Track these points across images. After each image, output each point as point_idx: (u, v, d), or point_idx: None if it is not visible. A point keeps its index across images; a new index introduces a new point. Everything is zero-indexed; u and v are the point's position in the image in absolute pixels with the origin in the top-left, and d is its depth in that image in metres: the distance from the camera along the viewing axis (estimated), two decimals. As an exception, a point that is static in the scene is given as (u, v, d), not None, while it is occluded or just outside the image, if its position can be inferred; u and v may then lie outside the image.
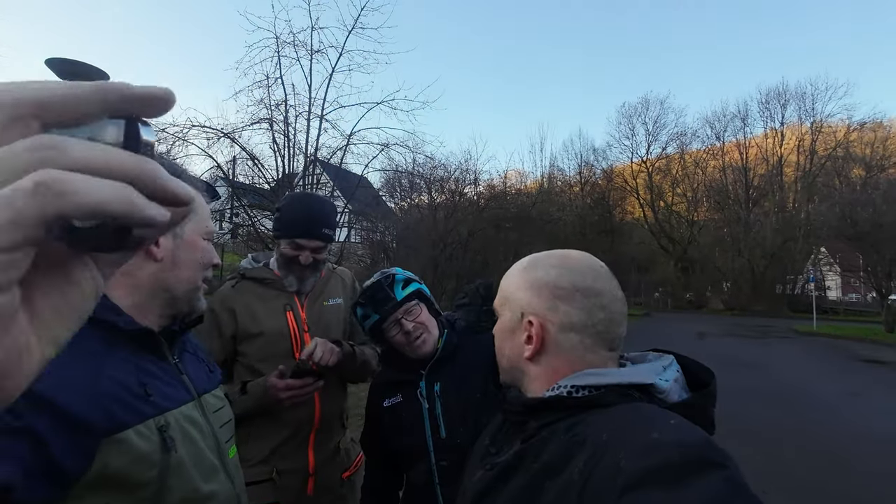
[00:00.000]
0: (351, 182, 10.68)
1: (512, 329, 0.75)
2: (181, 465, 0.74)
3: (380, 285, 1.31)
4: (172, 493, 0.72)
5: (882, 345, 14.33)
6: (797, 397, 7.12)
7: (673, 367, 0.70)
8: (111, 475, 0.65)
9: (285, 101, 9.19)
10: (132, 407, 0.71)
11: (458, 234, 14.52)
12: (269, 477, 1.45)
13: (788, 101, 36.20)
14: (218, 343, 1.47)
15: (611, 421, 0.59)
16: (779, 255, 31.16)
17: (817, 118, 35.07)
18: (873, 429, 5.55)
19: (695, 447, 0.50)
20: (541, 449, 0.64)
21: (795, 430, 5.44)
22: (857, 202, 19.16)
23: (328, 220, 1.54)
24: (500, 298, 0.79)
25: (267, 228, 9.64)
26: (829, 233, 21.42)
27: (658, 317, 26.51)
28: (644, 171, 40.92)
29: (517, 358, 0.75)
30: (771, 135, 36.82)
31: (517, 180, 31.47)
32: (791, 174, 36.06)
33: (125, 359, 0.76)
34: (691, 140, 40.54)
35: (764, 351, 12.69)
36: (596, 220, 36.73)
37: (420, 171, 13.51)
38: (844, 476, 4.12)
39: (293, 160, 9.65)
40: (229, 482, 0.85)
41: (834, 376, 9.12)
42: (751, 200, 35.65)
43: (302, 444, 1.51)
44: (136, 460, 0.68)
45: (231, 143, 9.13)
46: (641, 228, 40.74)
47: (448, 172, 15.97)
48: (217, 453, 0.85)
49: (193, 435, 0.79)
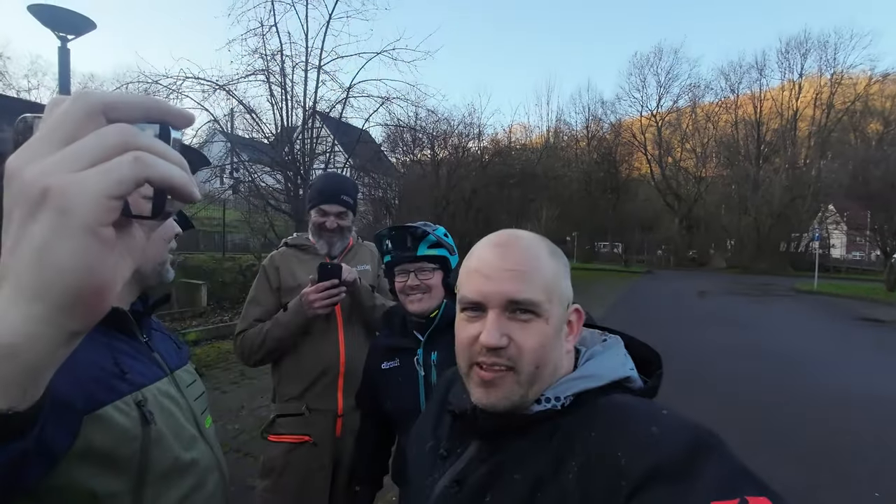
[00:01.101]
0: (352, 137, 10.42)
1: (559, 327, 0.63)
2: (161, 437, 0.78)
3: (406, 235, 1.36)
4: (156, 463, 0.76)
5: (882, 304, 14.44)
6: (790, 356, 7.24)
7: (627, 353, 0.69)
8: (96, 450, 0.68)
9: (281, 51, 8.82)
10: (109, 385, 0.74)
11: (461, 192, 14.35)
12: (300, 412, 1.66)
13: (809, 50, 34.67)
14: (270, 295, 1.73)
15: (594, 420, 0.56)
16: (785, 213, 30.82)
17: (838, 69, 33.69)
18: (864, 386, 5.67)
19: (694, 435, 0.49)
20: (520, 460, 0.60)
21: (787, 387, 5.58)
22: (870, 159, 18.66)
23: (347, 189, 1.79)
24: (542, 295, 0.61)
25: (267, 184, 9.55)
26: (840, 191, 21.05)
27: (660, 275, 26.67)
28: (653, 126, 39.82)
29: (560, 359, 0.64)
30: (788, 87, 35.47)
31: (522, 135, 30.67)
32: (805, 129, 35.04)
33: (97, 340, 0.79)
34: (704, 92, 39.24)
35: (762, 309, 12.82)
36: (602, 177, 36.16)
37: (422, 126, 13.15)
38: (837, 433, 4.26)
39: (292, 113, 9.39)
40: (209, 449, 0.92)
41: (830, 335, 9.24)
42: (762, 157, 34.85)
43: (331, 386, 1.69)
44: (119, 435, 0.71)
45: (227, 95, 8.85)
46: (647, 185, 40.19)
47: (451, 127, 15.55)
48: (195, 424, 0.91)
49: (170, 408, 0.84)
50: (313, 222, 1.78)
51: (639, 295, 15.32)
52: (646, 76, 40.79)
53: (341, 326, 1.74)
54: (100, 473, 0.69)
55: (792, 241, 32.78)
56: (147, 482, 0.75)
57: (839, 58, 33.69)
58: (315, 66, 9.13)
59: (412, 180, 14.98)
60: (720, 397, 5.07)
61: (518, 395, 0.60)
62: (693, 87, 39.49)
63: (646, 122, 40.16)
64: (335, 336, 1.72)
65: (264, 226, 9.82)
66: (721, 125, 38.29)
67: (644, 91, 40.86)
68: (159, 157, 0.29)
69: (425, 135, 13.77)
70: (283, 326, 1.60)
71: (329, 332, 1.72)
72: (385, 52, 9.22)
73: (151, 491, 0.75)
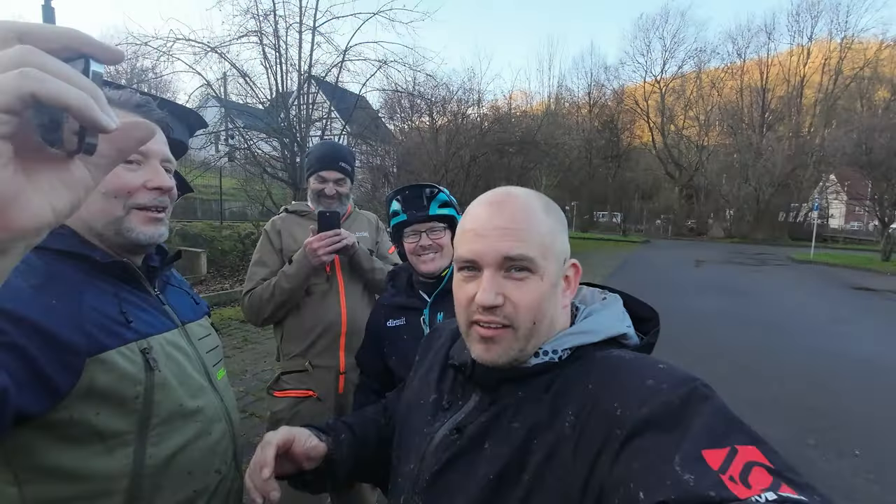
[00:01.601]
0: (348, 103, 10.19)
1: (556, 283, 0.64)
2: (166, 384, 0.81)
3: (421, 192, 1.38)
4: (160, 406, 0.80)
5: (876, 273, 14.58)
6: (783, 323, 7.39)
7: (625, 310, 0.71)
8: (98, 390, 0.73)
9: (273, 11, 8.50)
10: (114, 332, 0.77)
11: (460, 159, 14.16)
12: (304, 368, 1.74)
13: (822, 12, 33.52)
14: (274, 256, 1.80)
15: (592, 372, 0.59)
16: (786, 182, 30.62)
17: (849, 33, 32.64)
18: (853, 352, 5.82)
19: (689, 388, 0.51)
20: (518, 409, 0.62)
21: (778, 353, 5.72)
22: (875, 127, 18.39)
23: (345, 157, 1.86)
24: (537, 252, 0.61)
25: (264, 151, 9.40)
26: (843, 160, 20.85)
27: (658, 244, 26.75)
28: (657, 92, 38.90)
29: (557, 314, 0.66)
30: (796, 52, 34.46)
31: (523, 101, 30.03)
32: (812, 96, 34.29)
33: (105, 290, 0.82)
34: (710, 57, 38.20)
35: (758, 278, 12.95)
36: (603, 145, 35.63)
37: (421, 91, 12.82)
38: (821, 395, 4.41)
39: (286, 77, 9.14)
40: (218, 399, 0.95)
41: (823, 303, 9.39)
42: (765, 125, 34.26)
43: (333, 344, 1.76)
44: (121, 377, 0.75)
45: (220, 58, 8.59)
46: (649, 154, 39.63)
47: (450, 92, 15.16)
48: (205, 374, 0.94)
49: (178, 358, 0.87)
50: (312, 189, 1.84)
51: (636, 264, 15.40)
52: (651, 40, 39.60)
53: (342, 287, 1.80)
54: (103, 412, 0.74)
55: (791, 211, 32.71)
56: (150, 425, 0.79)
57: (851, 21, 32.85)
58: (309, 28, 8.82)
59: (410, 148, 14.75)
60: (708, 360, 5.20)
61: (516, 351, 0.63)
62: (699, 51, 38.43)
63: (649, 88, 39.20)
64: (337, 296, 1.78)
65: (261, 193, 9.74)
66: (726, 92, 37.41)
67: (649, 56, 39.73)
68: (60, 78, 0.27)
69: (423, 101, 13.45)
70: (291, 277, 1.66)
71: (331, 293, 1.77)
72: (382, 12, 8.89)
73: (155, 434, 0.79)
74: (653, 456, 0.46)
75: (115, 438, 0.75)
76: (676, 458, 0.44)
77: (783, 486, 0.40)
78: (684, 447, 0.45)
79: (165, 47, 7.94)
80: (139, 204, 0.84)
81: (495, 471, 0.59)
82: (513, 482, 0.58)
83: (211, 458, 0.90)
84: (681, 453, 0.44)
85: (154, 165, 0.86)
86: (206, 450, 0.89)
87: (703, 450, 0.44)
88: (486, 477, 0.60)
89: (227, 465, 0.95)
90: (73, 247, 0.80)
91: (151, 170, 0.86)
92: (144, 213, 0.85)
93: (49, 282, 0.74)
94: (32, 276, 0.73)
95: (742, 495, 0.40)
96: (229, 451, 0.96)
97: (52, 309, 0.70)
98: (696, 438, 0.45)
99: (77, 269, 0.80)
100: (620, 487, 0.47)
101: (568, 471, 0.53)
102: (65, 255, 0.79)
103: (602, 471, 0.50)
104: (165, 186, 0.86)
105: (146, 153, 0.86)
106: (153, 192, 0.85)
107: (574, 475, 0.52)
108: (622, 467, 0.48)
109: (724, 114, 36.62)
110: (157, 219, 0.87)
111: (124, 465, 0.76)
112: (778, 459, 0.44)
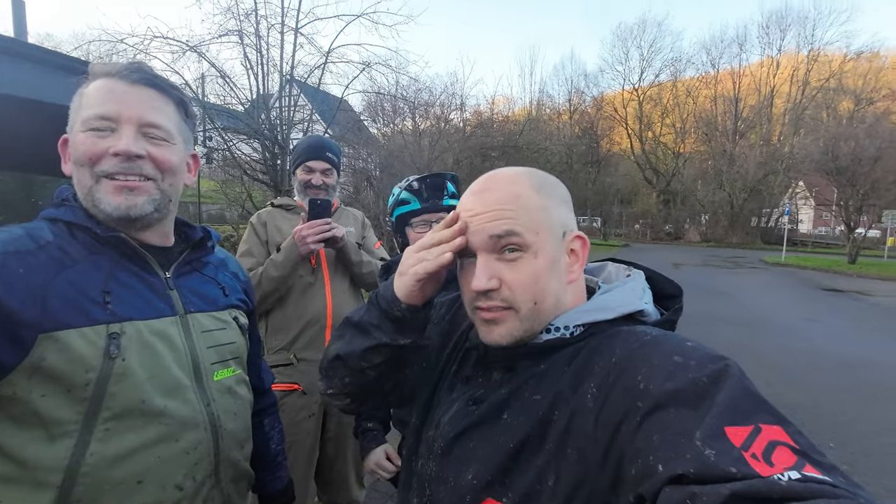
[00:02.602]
0: (331, 105, 10.11)
1: (556, 258, 0.63)
2: (127, 374, 0.73)
3: (443, 184, 1.38)
4: (114, 398, 0.72)
5: (843, 275, 15.18)
6: (756, 321, 7.62)
7: (647, 287, 0.69)
8: (47, 370, 0.68)
9: (255, 11, 8.38)
10: (82, 309, 0.71)
11: (443, 163, 14.19)
12: (288, 361, 1.71)
13: (790, 25, 34.99)
14: (261, 247, 1.79)
15: (615, 346, 0.57)
16: (758, 188, 31.68)
17: (815, 46, 34.16)
18: (825, 350, 6.02)
19: (719, 365, 0.49)
20: (539, 382, 0.61)
21: (753, 350, 5.87)
22: (840, 136, 19.17)
23: (331, 148, 1.88)
24: (528, 231, 0.61)
25: (244, 153, 9.23)
26: (811, 167, 21.66)
27: (637, 248, 27.27)
28: (635, 100, 39.84)
29: (562, 290, 0.64)
30: (766, 63, 35.88)
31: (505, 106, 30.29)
32: (781, 106, 35.67)
33: (100, 266, 0.77)
34: (686, 67, 39.33)
35: (734, 280, 13.32)
36: (583, 150, 36.22)
37: (404, 94, 12.83)
38: (798, 391, 4.54)
39: (267, 79, 9.01)
40: (199, 402, 0.83)
41: (794, 303, 9.71)
42: (738, 133, 35.44)
43: (318, 336, 1.73)
44: (73, 360, 0.69)
45: (199, 58, 8.42)
46: (627, 160, 40.49)
47: (433, 96, 15.23)
48: (191, 371, 0.83)
49: (158, 349, 0.78)
50: (299, 180, 1.84)
51: (616, 267, 15.64)
52: (629, 49, 40.50)
53: (328, 279, 1.78)
54: (49, 395, 0.68)
55: (763, 216, 33.81)
56: (100, 418, 0.71)
57: (817, 34, 34.22)
58: (291, 29, 8.74)
59: (393, 150, 14.72)
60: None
61: (521, 331, 0.62)
62: (675, 61, 39.52)
63: (628, 96, 40.12)
64: (322, 289, 1.77)
65: (241, 196, 9.55)
66: (701, 101, 38.58)
67: (627, 64, 40.64)
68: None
69: (406, 104, 13.47)
70: (279, 265, 1.64)
71: (316, 286, 1.75)
72: (365, 14, 8.88)
73: (104, 428, 0.71)
74: (674, 430, 0.45)
75: (58, 427, 0.68)
76: (698, 433, 0.43)
77: (807, 467, 0.39)
78: (707, 422, 0.44)
79: (142, 45, 7.76)
80: (105, 171, 0.78)
81: (517, 439, 0.59)
82: (534, 450, 0.57)
83: (172, 469, 0.78)
84: (703, 429, 0.43)
85: (124, 130, 0.78)
86: (168, 458, 0.77)
87: (725, 426, 0.43)
88: (507, 445, 0.59)
89: (195, 483, 0.81)
90: (80, 219, 0.78)
91: (118, 135, 0.78)
92: (112, 182, 0.78)
93: (37, 251, 0.71)
94: (23, 243, 0.71)
95: (764, 473, 0.38)
96: (203, 465, 0.82)
97: (11, 277, 0.67)
98: (720, 415, 0.44)
99: (83, 243, 0.77)
100: (639, 459, 0.46)
101: (588, 442, 0.52)
102: (74, 227, 0.78)
103: (622, 442, 0.49)
104: (124, 151, 0.77)
105: (117, 117, 0.78)
106: (116, 158, 0.77)
107: (594, 446, 0.52)
108: (642, 440, 0.47)
109: (700, 121, 37.76)
110: (128, 188, 0.79)
111: (61, 457, 0.68)
112: (803, 440, 0.43)
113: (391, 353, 0.71)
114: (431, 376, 0.79)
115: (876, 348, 6.13)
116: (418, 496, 0.70)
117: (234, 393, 0.92)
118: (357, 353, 0.71)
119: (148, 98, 0.82)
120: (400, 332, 0.70)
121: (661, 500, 0.42)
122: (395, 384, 0.78)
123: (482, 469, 0.60)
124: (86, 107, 0.79)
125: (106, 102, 0.78)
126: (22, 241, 0.72)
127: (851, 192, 17.80)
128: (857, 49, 33.61)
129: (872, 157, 17.30)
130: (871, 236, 21.68)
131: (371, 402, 0.81)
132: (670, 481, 0.42)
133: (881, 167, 17.48)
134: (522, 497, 0.56)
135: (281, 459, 1.13)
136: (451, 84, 16.96)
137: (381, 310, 0.70)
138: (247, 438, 0.95)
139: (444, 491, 0.64)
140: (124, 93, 0.80)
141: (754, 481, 0.38)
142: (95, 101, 0.79)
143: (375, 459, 1.42)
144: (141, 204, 0.80)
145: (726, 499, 0.37)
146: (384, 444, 1.45)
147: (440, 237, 0.65)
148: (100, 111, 0.78)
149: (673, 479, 0.42)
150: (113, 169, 0.78)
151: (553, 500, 0.53)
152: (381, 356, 0.71)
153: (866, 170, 17.33)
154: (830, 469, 0.40)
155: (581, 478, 0.52)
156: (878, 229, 24.97)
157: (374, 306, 0.71)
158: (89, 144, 0.77)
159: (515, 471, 0.58)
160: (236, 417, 0.91)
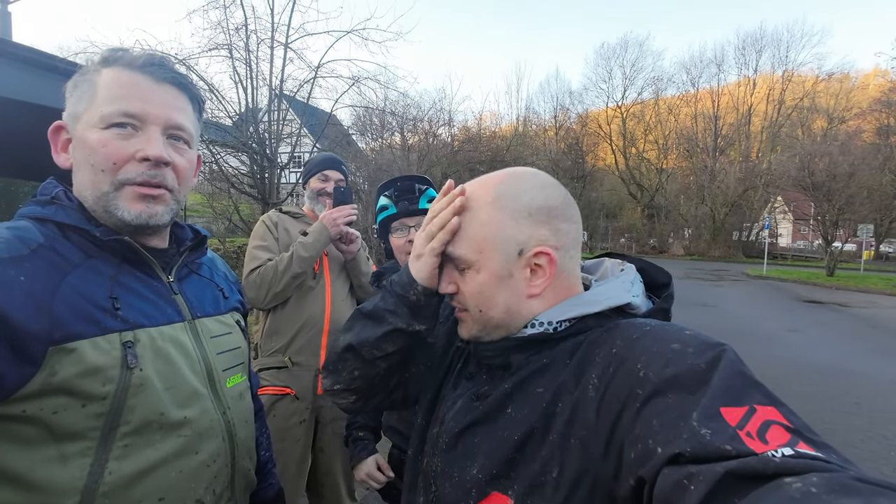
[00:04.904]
0: (319, 119, 10.15)
1: (505, 275, 0.64)
2: (146, 385, 0.69)
3: (413, 187, 1.39)
4: (133, 411, 0.67)
5: (822, 287, 15.54)
6: (741, 332, 7.74)
7: (637, 279, 0.70)
8: (60, 385, 0.62)
9: (245, 26, 8.44)
10: (93, 318, 0.66)
11: (431, 177, 14.27)
12: (283, 364, 1.69)
13: (764, 47, 36.39)
14: (275, 242, 1.79)
15: (615, 337, 0.59)
16: (739, 203, 32.48)
17: (789, 67, 35.55)
18: (806, 359, 6.14)
19: (716, 351, 0.50)
20: (542, 374, 0.62)
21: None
22: (815, 153, 19.84)
23: (344, 163, 1.98)
24: (470, 250, 0.65)
25: (232, 166, 9.18)
26: (788, 182, 22.34)
27: (622, 261, 27.53)
28: (618, 117, 40.73)
29: (517, 302, 0.65)
30: (744, 83, 37.15)
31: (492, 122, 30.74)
32: (759, 124, 36.87)
33: (102, 271, 0.71)
34: (667, 86, 40.47)
35: (717, 292, 13.54)
36: (569, 166, 36.82)
37: (392, 109, 12.95)
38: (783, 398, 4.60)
39: (256, 93, 9.04)
40: (217, 411, 0.79)
41: (776, 314, 9.89)
42: (718, 149, 36.44)
43: (314, 341, 1.72)
44: (88, 372, 0.64)
45: (187, 71, 8.41)
46: (612, 175, 41.22)
47: (422, 111, 15.40)
48: (205, 379, 0.79)
49: (173, 356, 0.74)
50: (312, 188, 1.89)
51: (603, 280, 15.80)
52: (612, 67, 41.60)
53: (329, 285, 1.78)
54: (62, 412, 0.62)
55: (744, 231, 34.59)
56: (118, 434, 0.66)
57: (791, 56, 35.64)
58: (281, 44, 8.82)
59: (382, 165, 14.78)
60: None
61: (476, 330, 0.69)
62: (656, 79, 40.65)
63: (611, 113, 41.03)
64: (323, 294, 1.77)
65: (228, 209, 9.47)
66: (682, 118, 39.65)
67: (610, 82, 41.67)
68: None
69: (395, 118, 13.59)
70: (308, 246, 1.66)
71: (317, 290, 1.76)
72: (355, 31, 9.01)
73: (122, 445, 0.66)
74: (672, 414, 0.46)
75: (73, 445, 0.63)
76: (694, 414, 0.44)
77: (801, 444, 0.40)
78: (703, 403, 0.45)
79: (129, 58, 7.71)
80: (130, 179, 0.71)
81: (522, 431, 0.59)
82: (539, 442, 0.58)
83: (193, 483, 0.74)
84: (699, 410, 0.44)
85: (151, 133, 0.72)
86: (189, 472, 0.73)
87: (721, 407, 0.44)
88: (511, 438, 0.60)
89: (215, 496, 0.77)
90: (76, 221, 0.71)
91: (145, 138, 0.72)
92: (134, 189, 0.72)
93: (31, 256, 0.64)
94: (15, 247, 0.64)
95: (759, 450, 0.40)
96: (222, 476, 0.79)
97: (12, 287, 0.60)
98: (715, 396, 0.45)
99: (79, 246, 0.70)
100: (639, 444, 0.47)
101: (591, 431, 0.53)
102: (68, 228, 0.70)
103: (623, 430, 0.50)
104: (157, 157, 0.71)
105: (143, 116, 0.72)
106: (143, 164, 0.71)
107: (596, 436, 0.53)
108: (642, 425, 0.48)
109: (681, 138, 38.73)
110: (151, 196, 0.73)
111: (77, 478, 0.63)
112: (796, 420, 0.44)
113: (404, 343, 0.74)
114: (436, 375, 0.80)
115: (856, 358, 6.27)
116: (424, 494, 0.70)
117: (244, 399, 0.89)
118: (371, 342, 0.73)
119: (173, 99, 0.77)
120: (415, 317, 0.72)
121: (659, 481, 0.43)
122: (399, 382, 0.79)
123: (487, 463, 0.61)
124: (104, 100, 0.71)
125: (130, 99, 0.72)
126: (13, 245, 0.64)
127: (828, 207, 18.34)
128: (829, 70, 35.32)
129: (846, 173, 17.92)
130: (847, 250, 22.29)
131: (375, 399, 0.81)
132: (668, 462, 0.43)
133: (855, 183, 18.11)
134: (528, 489, 0.56)
135: (270, 466, 1.10)
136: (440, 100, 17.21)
137: (397, 295, 0.72)
138: (254, 447, 0.92)
139: (450, 486, 0.64)
140: (150, 91, 0.74)
141: (749, 459, 0.39)
142: (117, 96, 0.72)
143: (366, 470, 1.40)
144: (160, 213, 0.76)
145: (722, 477, 0.39)
146: (375, 454, 1.43)
147: (440, 207, 0.69)
148: (124, 108, 0.71)
149: (671, 458, 0.43)
150: (139, 178, 0.72)
151: (557, 491, 0.54)
152: (394, 345, 0.73)
153: (841, 185, 17.92)
154: (823, 446, 0.41)
155: (584, 467, 0.53)
156: (854, 243, 25.74)
157: (389, 293, 0.73)
158: (113, 147, 0.70)
159: (521, 463, 0.58)
160: (247, 425, 0.87)
